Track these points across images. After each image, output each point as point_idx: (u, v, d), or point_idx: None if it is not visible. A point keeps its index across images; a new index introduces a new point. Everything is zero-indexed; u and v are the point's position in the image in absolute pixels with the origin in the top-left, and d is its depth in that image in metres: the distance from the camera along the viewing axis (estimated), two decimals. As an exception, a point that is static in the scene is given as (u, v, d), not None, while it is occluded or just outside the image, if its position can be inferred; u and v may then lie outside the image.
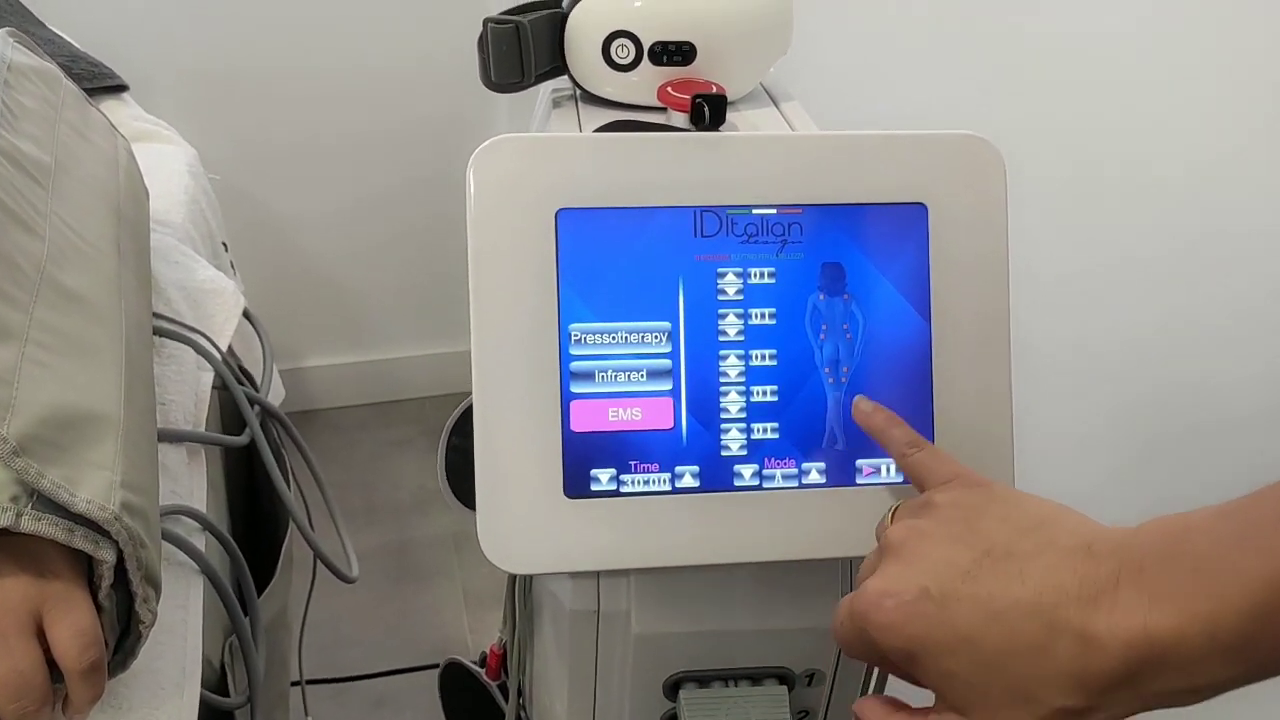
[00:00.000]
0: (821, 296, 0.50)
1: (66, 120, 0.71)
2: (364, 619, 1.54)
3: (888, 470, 0.50)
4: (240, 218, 1.54)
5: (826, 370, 0.50)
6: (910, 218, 0.50)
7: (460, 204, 0.47)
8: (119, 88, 1.12)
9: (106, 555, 0.46)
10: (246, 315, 0.90)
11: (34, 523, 0.44)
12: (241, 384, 0.82)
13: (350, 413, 1.98)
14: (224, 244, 1.08)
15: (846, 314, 0.50)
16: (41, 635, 0.45)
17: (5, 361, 0.47)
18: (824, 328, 0.49)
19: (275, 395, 1.09)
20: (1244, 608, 0.31)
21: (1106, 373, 0.74)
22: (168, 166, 1.02)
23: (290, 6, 1.64)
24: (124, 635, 0.50)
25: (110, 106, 1.09)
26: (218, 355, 0.79)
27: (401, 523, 1.75)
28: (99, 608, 0.48)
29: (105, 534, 0.46)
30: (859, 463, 0.50)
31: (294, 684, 0.97)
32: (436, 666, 0.94)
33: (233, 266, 1.10)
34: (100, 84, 1.08)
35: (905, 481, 0.48)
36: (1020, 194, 0.52)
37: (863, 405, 0.48)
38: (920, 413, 0.50)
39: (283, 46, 1.66)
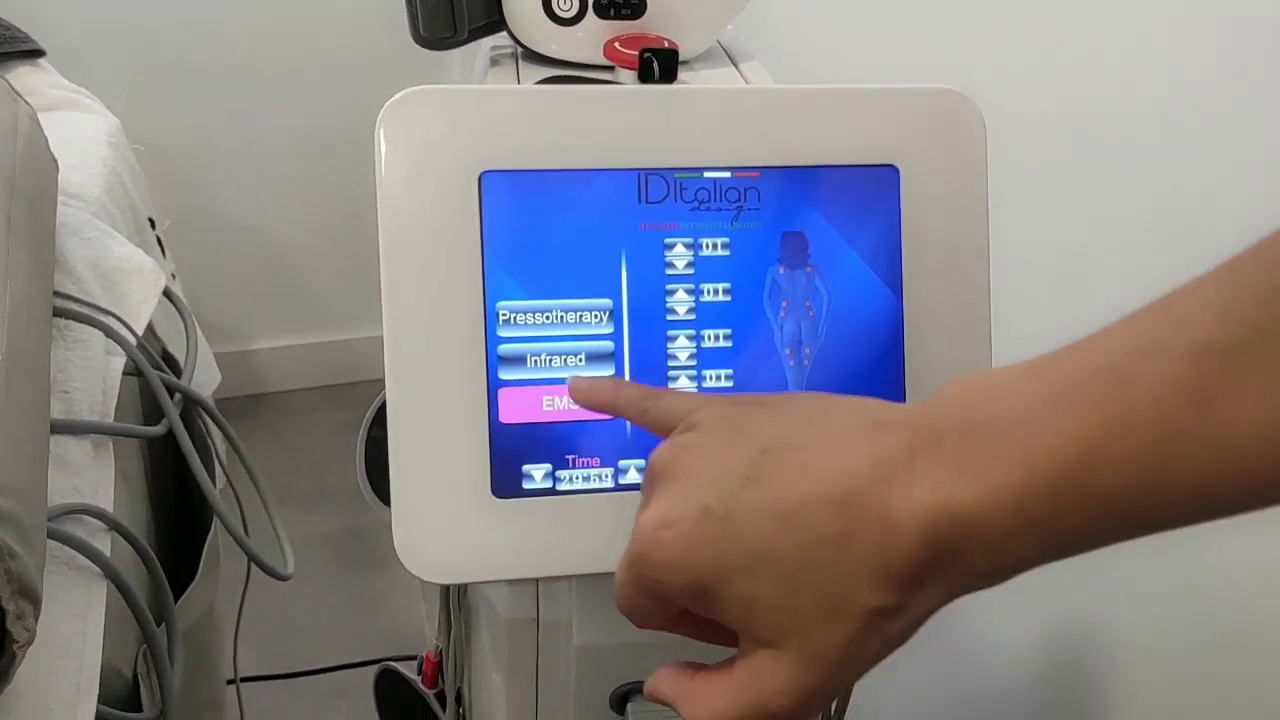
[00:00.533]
0: (782, 270, 0.44)
1: (-47, 81, 0.65)
2: (316, 608, 1.49)
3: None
4: (182, 196, 1.47)
5: (788, 351, 0.45)
6: (880, 181, 0.45)
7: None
8: (34, 53, 1.04)
9: (-33, 569, 0.41)
10: (169, 295, 0.83)
11: (-126, 535, 0.38)
12: (160, 369, 0.76)
13: (301, 395, 1.92)
14: (150, 220, 1.01)
15: (810, 289, 0.45)
16: (-109, 663, 0.40)
17: None
18: (784, 304, 0.44)
19: (209, 381, 1.03)
20: (1054, 475, 0.27)
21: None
22: (85, 136, 0.95)
23: None
24: (-1, 655, 0.45)
25: (23, 73, 1.02)
26: (131, 339, 0.72)
27: (354, 508, 1.69)
28: (-37, 628, 0.42)
29: (-34, 545, 0.41)
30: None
31: (230, 682, 0.92)
32: (394, 659, 0.90)
33: (161, 244, 1.03)
34: (12, 49, 1.01)
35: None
36: (1000, 155, 0.47)
37: (577, 384, 0.40)
38: (891, 396, 0.45)
39: (223, 19, 1.60)
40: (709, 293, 0.44)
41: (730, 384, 0.44)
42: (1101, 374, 0.27)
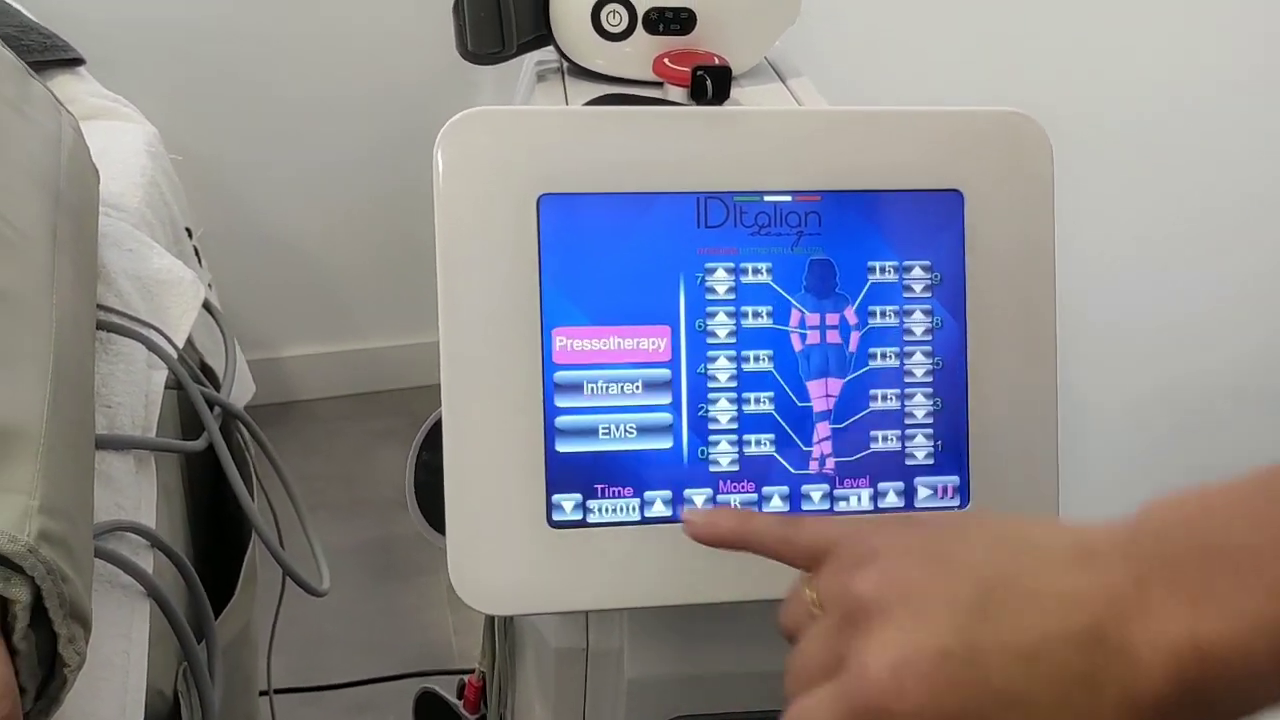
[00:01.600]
0: (844, 295, 0.43)
1: (2, 95, 0.65)
2: (345, 619, 1.49)
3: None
4: (216, 204, 1.48)
5: (838, 379, 0.43)
6: (944, 206, 0.43)
7: (433, 189, 0.41)
8: (75, 61, 1.04)
9: (20, 594, 0.40)
10: (208, 307, 0.83)
11: (-72, 561, 0.38)
12: (200, 383, 0.76)
13: (332, 404, 1.92)
14: (188, 230, 1.01)
15: (865, 316, 0.44)
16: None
17: (-101, 371, 0.41)
18: (855, 335, 0.43)
19: (244, 392, 1.03)
20: None
21: (1148, 353, 0.68)
22: (125, 146, 0.95)
23: None
24: (48, 679, 0.44)
25: (64, 81, 1.02)
26: (172, 352, 0.72)
27: (385, 518, 1.69)
28: (13, 651, 0.41)
29: (18, 569, 0.40)
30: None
31: (262, 694, 0.91)
32: (420, 675, 0.89)
33: (198, 254, 1.03)
34: (53, 57, 1.01)
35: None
36: (1064, 175, 0.46)
37: (693, 518, 0.37)
38: (953, 423, 0.44)
39: (259, 26, 1.61)
40: (756, 316, 0.43)
41: (771, 407, 0.43)
42: None
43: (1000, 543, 0.31)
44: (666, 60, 0.59)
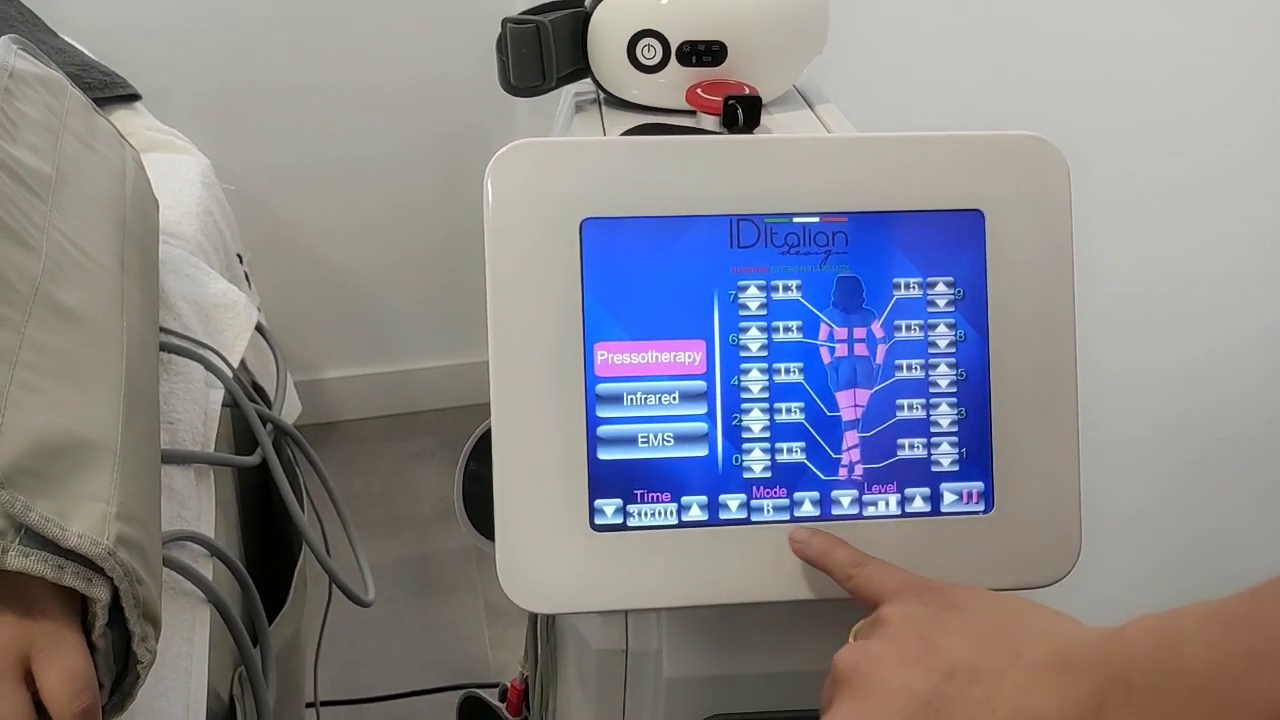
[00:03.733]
0: (870, 310, 0.46)
1: (71, 129, 0.68)
2: (384, 634, 1.52)
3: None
4: (259, 228, 1.52)
5: (868, 390, 0.46)
6: (966, 225, 0.46)
7: (480, 215, 0.44)
8: (131, 97, 1.09)
9: (100, 593, 0.43)
10: (260, 329, 0.87)
11: (21, 559, 0.41)
12: (254, 401, 0.79)
13: (371, 424, 1.96)
14: (239, 256, 1.05)
15: (891, 330, 0.46)
16: (31, 680, 0.42)
17: (-8, 386, 0.44)
18: (882, 348, 0.45)
19: (291, 410, 1.06)
20: None
21: (1167, 385, 0.70)
22: (180, 177, 1.00)
23: (308, 17, 1.63)
24: (122, 675, 0.47)
25: (122, 116, 1.07)
26: (228, 372, 0.76)
27: (423, 535, 1.72)
28: (93, 648, 0.44)
29: (99, 570, 0.43)
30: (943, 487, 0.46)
31: (309, 705, 0.94)
32: (458, 689, 0.91)
33: (248, 279, 1.07)
34: (112, 93, 1.06)
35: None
36: (1081, 201, 0.48)
37: (798, 534, 0.44)
38: (977, 431, 0.46)
39: (301, 56, 1.66)
40: (787, 330, 0.45)
41: (802, 416, 0.45)
42: None
43: (991, 637, 0.32)
44: (699, 90, 0.62)
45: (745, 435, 0.45)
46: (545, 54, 0.63)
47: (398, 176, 1.78)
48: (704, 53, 0.63)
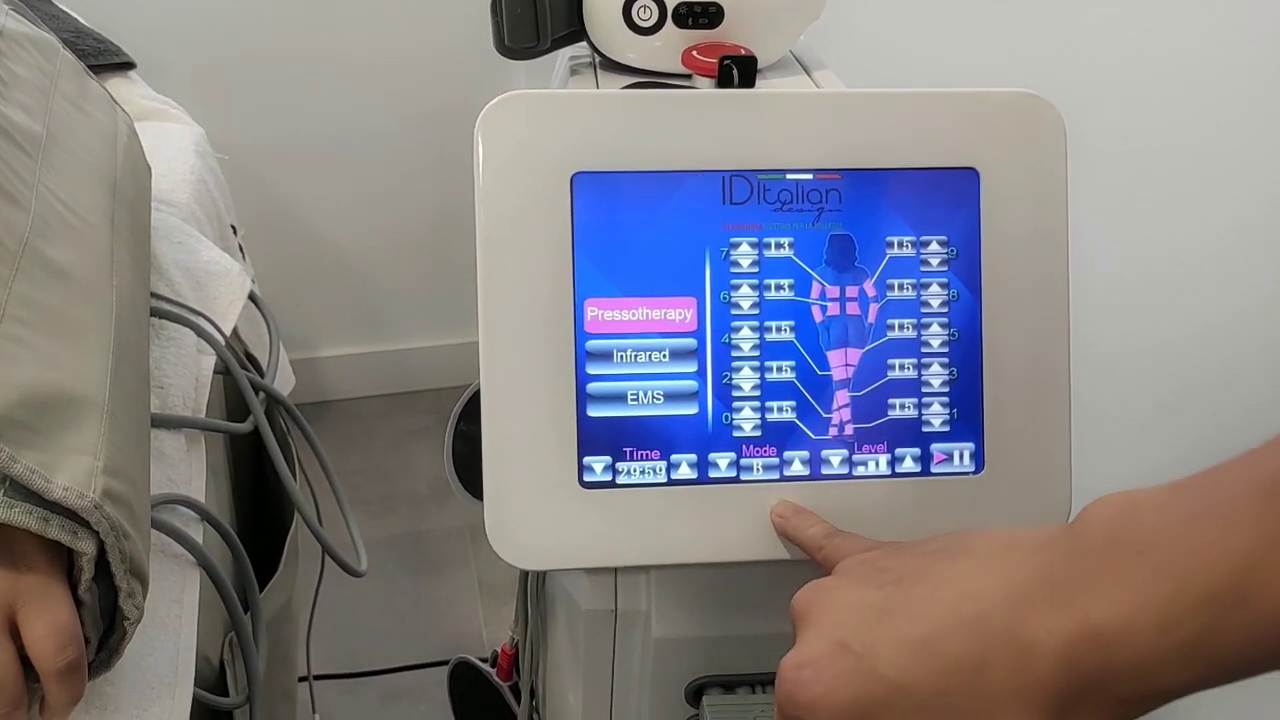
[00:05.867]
0: (863, 269, 0.45)
1: (62, 91, 0.68)
2: (378, 609, 1.52)
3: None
4: (253, 205, 1.52)
5: (859, 349, 0.45)
6: (961, 183, 0.45)
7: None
8: (126, 65, 1.09)
9: (85, 546, 0.43)
10: (253, 299, 0.86)
11: (5, 511, 0.41)
12: (246, 369, 0.79)
13: (367, 403, 1.96)
14: (233, 226, 1.05)
15: (883, 289, 0.45)
16: (16, 633, 0.42)
17: (-22, 338, 0.43)
18: (874, 307, 0.45)
19: (284, 382, 1.06)
20: (1202, 593, 0.25)
21: (1163, 357, 0.70)
22: (174, 145, 0.99)
23: None
24: (109, 632, 0.47)
25: (116, 84, 1.06)
26: (220, 339, 0.75)
27: (418, 513, 1.73)
28: (79, 602, 0.44)
29: (85, 524, 0.43)
30: (933, 448, 0.46)
31: (302, 679, 0.94)
32: (447, 662, 0.91)
33: (242, 250, 1.06)
34: (106, 61, 1.05)
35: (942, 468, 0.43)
36: (1077, 166, 0.48)
37: (781, 510, 0.44)
38: (969, 392, 0.46)
39: (297, 30, 1.65)
40: (778, 288, 0.45)
41: (793, 375, 0.45)
42: (1257, 490, 0.26)
43: (940, 550, 0.33)
44: (695, 53, 0.61)
45: (735, 394, 0.45)
46: (540, 14, 0.62)
47: (395, 152, 1.78)
48: (700, 14, 0.62)
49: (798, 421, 0.45)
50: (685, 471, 0.44)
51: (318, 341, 1.92)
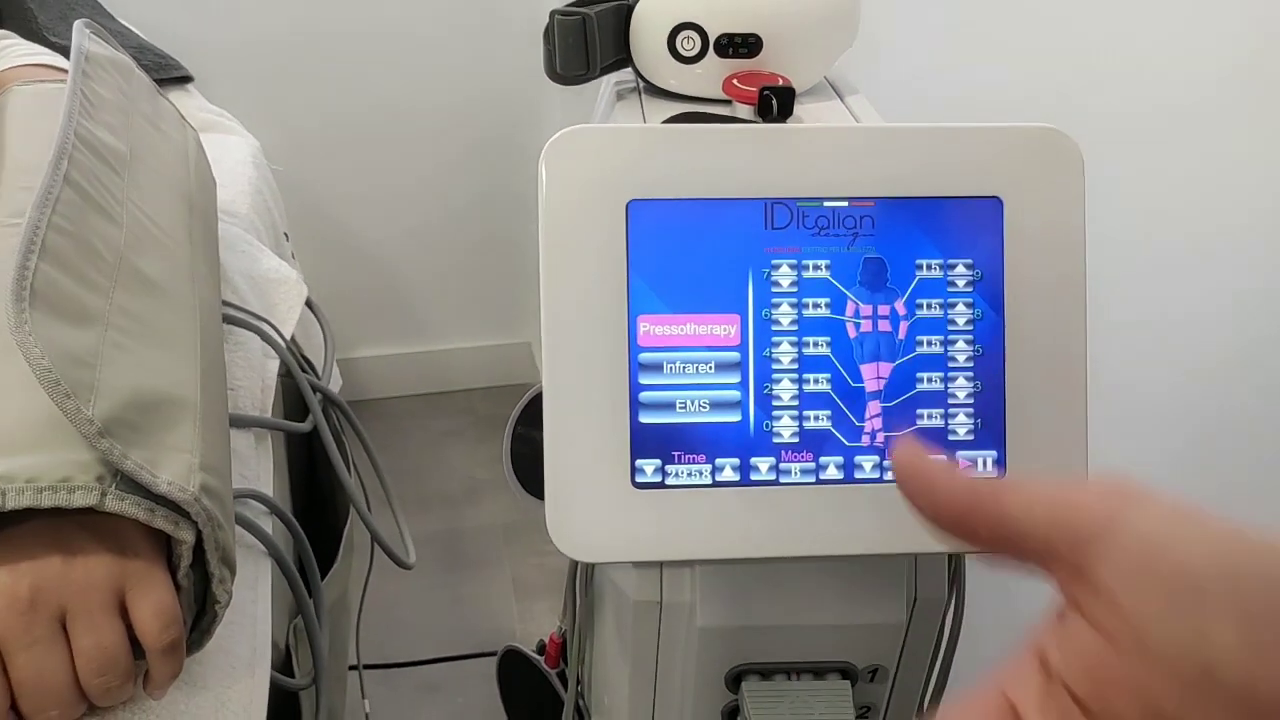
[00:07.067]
0: (894, 289, 0.49)
1: (140, 110, 0.73)
2: (416, 604, 1.57)
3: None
4: (290, 207, 1.56)
5: (889, 363, 0.49)
6: (985, 211, 0.49)
7: (510, 198, 0.48)
8: (184, 79, 1.14)
9: (186, 535, 0.47)
10: (309, 304, 0.91)
11: (118, 502, 0.45)
12: (305, 372, 0.84)
13: (401, 403, 2.01)
14: (285, 234, 1.09)
15: (913, 308, 0.49)
16: (124, 612, 0.47)
17: (88, 345, 0.48)
18: (904, 325, 0.49)
19: (334, 383, 1.11)
20: None
21: (1175, 349, 0.73)
22: (232, 157, 1.04)
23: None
24: (200, 615, 0.51)
25: (176, 97, 1.11)
26: (283, 343, 0.80)
27: (452, 512, 1.77)
28: (177, 587, 0.49)
29: (185, 515, 0.47)
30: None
31: (351, 668, 0.99)
32: (490, 655, 0.95)
33: (293, 256, 1.11)
34: (167, 75, 1.10)
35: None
36: (1097, 175, 0.51)
37: (903, 449, 0.31)
38: (992, 403, 0.49)
39: (332, 31, 1.68)
40: (815, 306, 0.49)
41: (828, 386, 0.49)
42: None
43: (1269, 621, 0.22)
44: (735, 81, 0.65)
45: (775, 403, 0.49)
46: (590, 45, 0.66)
47: (436, 166, 1.82)
48: (740, 45, 0.66)
49: (833, 429, 0.49)
50: (728, 474, 0.48)
51: (354, 342, 1.97)
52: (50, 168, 0.54)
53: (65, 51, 0.82)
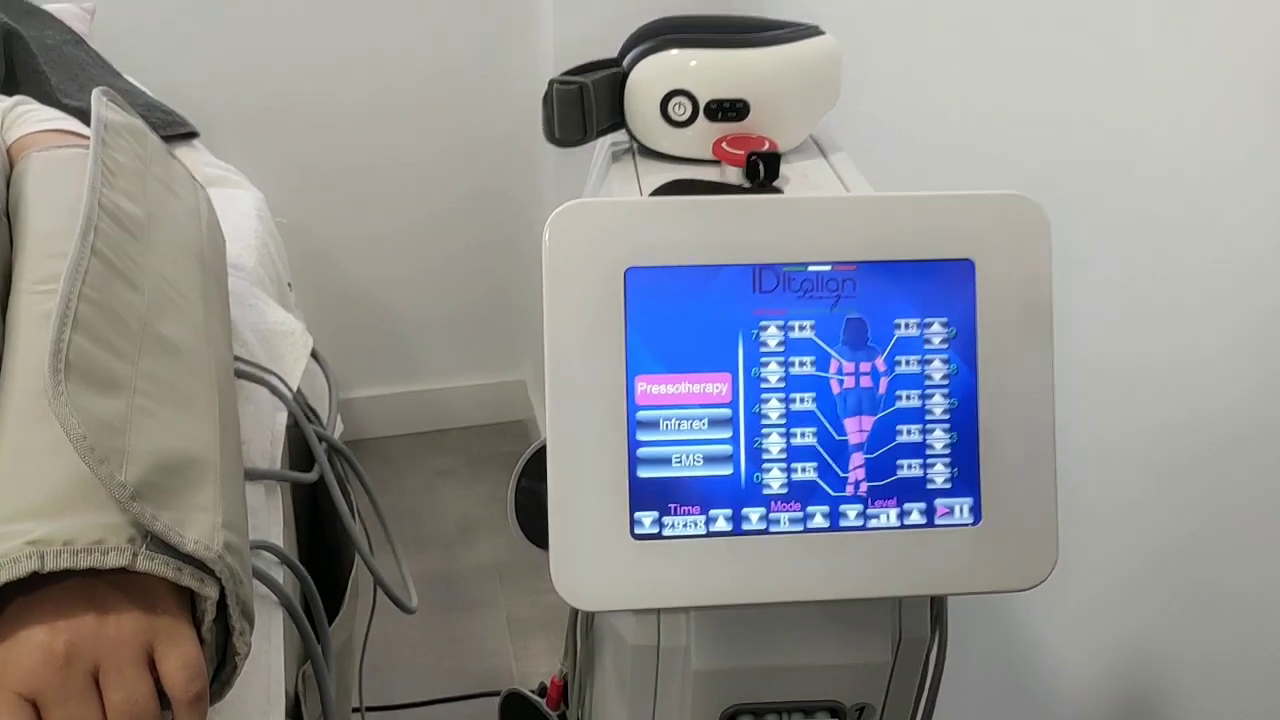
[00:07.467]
0: (874, 347, 0.52)
1: (154, 174, 0.76)
2: (414, 646, 1.58)
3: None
4: (292, 254, 1.59)
5: (869, 418, 0.52)
6: (958, 273, 0.52)
7: (503, 243, 0.50)
8: (190, 134, 1.17)
9: (210, 592, 0.50)
10: (313, 354, 0.94)
11: (148, 562, 0.48)
12: (310, 421, 0.86)
13: (396, 442, 2.02)
14: (289, 284, 1.12)
15: (892, 364, 0.52)
16: (152, 666, 0.49)
17: (117, 412, 0.51)
18: (884, 380, 0.52)
19: (335, 430, 1.14)
20: None
21: (1145, 393, 0.76)
22: (238, 211, 1.07)
23: (337, 38, 1.66)
24: (220, 666, 0.54)
25: (182, 153, 1.14)
26: (290, 395, 0.83)
27: (447, 552, 1.78)
28: (201, 640, 0.51)
29: (210, 572, 0.50)
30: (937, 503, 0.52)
31: (355, 710, 1.01)
32: (489, 695, 0.97)
33: (296, 305, 1.14)
34: (174, 131, 1.14)
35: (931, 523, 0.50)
36: (1063, 234, 0.55)
37: None
38: (967, 454, 0.52)
39: (330, 81, 1.69)
40: (801, 364, 0.52)
41: (814, 440, 0.52)
42: None
43: None
44: (724, 144, 0.69)
45: (765, 456, 0.52)
46: (586, 111, 0.70)
47: (422, 200, 1.84)
48: (729, 109, 0.70)
49: (819, 480, 0.52)
50: (721, 524, 0.51)
51: (348, 382, 1.98)
52: (79, 240, 0.56)
53: (77, 113, 0.86)
